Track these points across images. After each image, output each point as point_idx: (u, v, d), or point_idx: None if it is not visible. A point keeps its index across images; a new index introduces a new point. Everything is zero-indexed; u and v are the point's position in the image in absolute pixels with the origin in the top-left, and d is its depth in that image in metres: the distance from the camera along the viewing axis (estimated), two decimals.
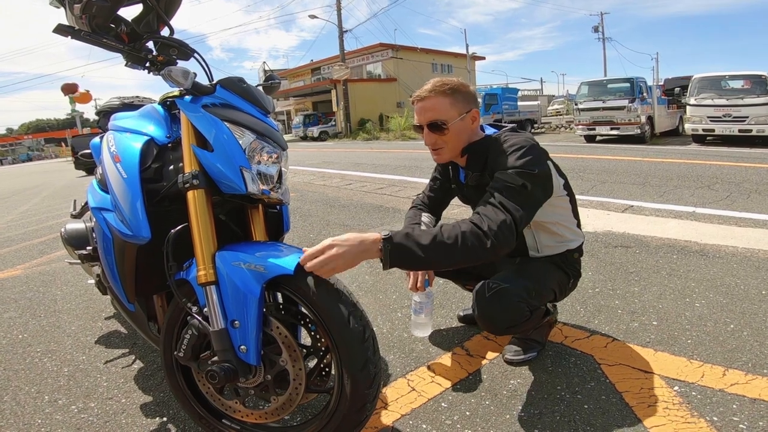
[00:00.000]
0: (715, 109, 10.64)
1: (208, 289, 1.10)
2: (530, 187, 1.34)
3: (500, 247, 1.24)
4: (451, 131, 1.48)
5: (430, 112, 1.48)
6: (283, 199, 1.26)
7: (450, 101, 1.46)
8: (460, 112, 1.47)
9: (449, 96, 1.46)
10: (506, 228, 1.26)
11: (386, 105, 27.51)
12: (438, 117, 1.47)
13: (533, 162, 1.37)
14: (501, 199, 1.31)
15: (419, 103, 1.50)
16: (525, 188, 1.33)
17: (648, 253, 2.71)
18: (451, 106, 1.46)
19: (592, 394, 1.42)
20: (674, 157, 7.46)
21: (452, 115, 1.47)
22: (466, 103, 1.49)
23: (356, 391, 1.07)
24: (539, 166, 1.38)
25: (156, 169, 1.23)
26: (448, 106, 1.46)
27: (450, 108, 1.46)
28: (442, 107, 1.47)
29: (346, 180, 6.62)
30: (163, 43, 1.24)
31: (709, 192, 4.36)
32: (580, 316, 1.96)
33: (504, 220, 1.26)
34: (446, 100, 1.46)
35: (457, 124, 1.48)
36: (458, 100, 1.47)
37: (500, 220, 1.26)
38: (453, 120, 1.47)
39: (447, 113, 1.47)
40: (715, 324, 1.81)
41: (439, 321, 2.00)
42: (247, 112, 1.21)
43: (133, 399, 1.58)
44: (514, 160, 1.37)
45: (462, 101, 1.48)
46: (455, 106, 1.47)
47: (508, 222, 1.26)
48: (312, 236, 3.58)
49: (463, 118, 1.48)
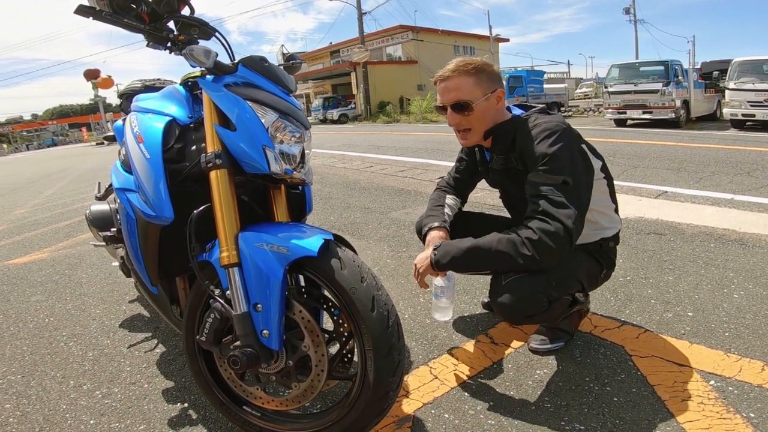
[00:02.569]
0: (756, 93, 10.20)
1: (230, 271, 1.08)
2: (572, 179, 1.29)
3: (554, 261, 1.29)
4: (475, 111, 1.44)
5: (454, 92, 1.44)
6: (305, 179, 1.24)
7: (474, 81, 1.42)
8: (485, 92, 1.43)
9: (473, 75, 1.42)
10: (558, 240, 1.25)
11: (407, 88, 27.15)
12: (462, 97, 1.43)
13: (566, 148, 1.31)
14: (546, 207, 1.27)
15: (442, 83, 1.46)
16: (567, 184, 1.29)
17: (683, 240, 2.61)
18: (475, 85, 1.42)
19: (622, 387, 1.37)
20: (711, 142, 7.15)
21: (476, 95, 1.42)
22: (491, 82, 1.44)
23: (379, 378, 1.05)
24: (572, 151, 1.32)
25: (178, 150, 1.22)
26: (471, 86, 1.42)
27: (474, 88, 1.42)
28: (466, 87, 1.42)
29: (367, 163, 6.57)
30: (183, 22, 1.22)
31: (748, 179, 4.16)
32: (610, 305, 1.89)
33: (554, 233, 1.25)
34: (470, 80, 1.42)
35: (481, 104, 1.43)
36: (482, 79, 1.43)
37: (551, 235, 1.25)
38: (477, 100, 1.43)
39: (471, 93, 1.43)
40: (755, 316, 1.72)
41: (463, 307, 1.96)
42: (270, 91, 1.18)
43: (155, 384, 1.60)
44: (545, 148, 1.31)
45: (486, 81, 1.43)
46: (479, 86, 1.43)
47: (561, 234, 1.25)
48: (333, 219, 3.57)
49: (488, 98, 1.44)
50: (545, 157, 1.32)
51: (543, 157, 1.32)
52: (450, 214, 1.73)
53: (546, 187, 1.29)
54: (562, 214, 1.26)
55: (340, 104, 26.83)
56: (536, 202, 1.30)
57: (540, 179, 1.31)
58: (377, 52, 31.43)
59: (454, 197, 1.78)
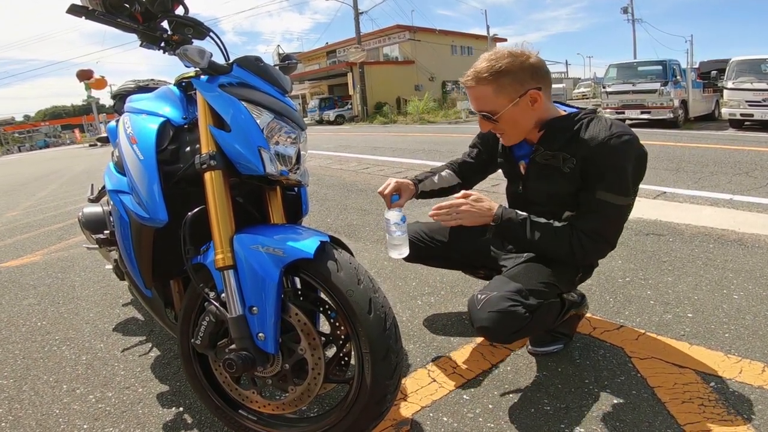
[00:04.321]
0: (754, 93, 10.18)
1: (225, 273, 1.07)
2: (632, 201, 1.35)
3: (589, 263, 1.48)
4: (503, 120, 1.34)
5: (475, 102, 1.37)
6: (301, 181, 1.23)
7: (494, 89, 1.31)
8: (512, 97, 1.31)
9: (492, 83, 1.30)
10: (601, 255, 1.43)
11: (404, 88, 27.10)
12: (484, 108, 1.35)
13: (639, 166, 1.32)
14: (602, 227, 1.33)
15: (467, 89, 1.38)
16: (628, 209, 1.35)
17: (682, 241, 2.60)
18: (497, 93, 1.31)
19: (622, 389, 1.36)
20: (710, 142, 7.16)
21: (501, 104, 1.32)
22: (519, 84, 1.30)
23: (377, 381, 1.04)
24: (642, 170, 1.34)
25: (172, 151, 1.20)
26: (492, 95, 1.32)
27: (496, 96, 1.31)
28: (487, 97, 1.33)
29: (364, 164, 6.56)
30: (178, 22, 1.21)
31: (747, 179, 4.16)
32: (609, 306, 1.88)
33: (602, 250, 1.39)
34: (489, 89, 1.31)
35: (509, 112, 1.33)
36: (505, 85, 1.30)
37: (599, 250, 1.38)
38: (503, 108, 1.32)
39: (494, 103, 1.32)
40: (755, 317, 1.71)
41: (461, 309, 1.95)
42: (265, 92, 1.17)
43: (149, 388, 1.58)
44: (623, 163, 1.28)
45: (512, 84, 1.30)
46: (503, 93, 1.31)
47: (606, 251, 1.41)
48: (329, 221, 3.55)
49: (517, 103, 1.31)
50: (620, 175, 1.28)
51: (617, 174, 1.28)
52: (435, 181, 1.73)
53: (613, 210, 1.31)
54: (613, 236, 1.37)
55: (337, 105, 26.78)
56: (596, 220, 1.33)
57: (608, 198, 1.29)
58: (374, 52, 31.41)
59: (452, 173, 1.76)
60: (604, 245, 1.36)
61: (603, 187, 1.29)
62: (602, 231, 1.33)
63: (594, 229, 1.33)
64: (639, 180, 1.34)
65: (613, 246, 1.38)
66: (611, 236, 1.36)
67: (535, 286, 1.33)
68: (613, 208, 1.30)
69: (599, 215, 1.32)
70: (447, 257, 1.73)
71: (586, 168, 1.31)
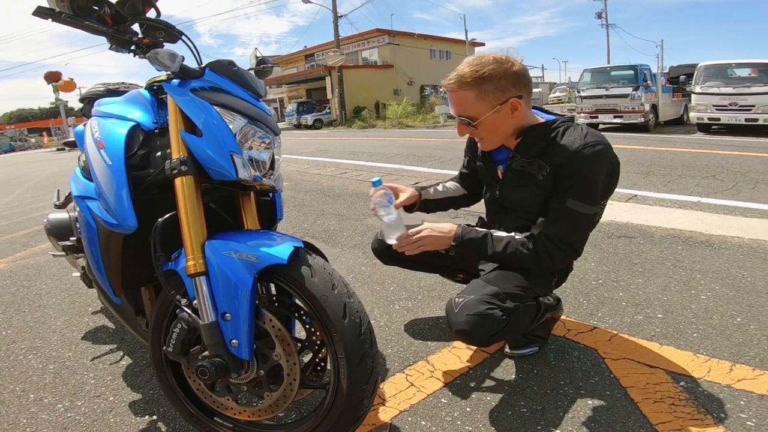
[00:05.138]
0: (721, 97, 10.47)
1: (197, 280, 1.06)
2: (598, 216, 1.38)
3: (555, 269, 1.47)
4: (482, 126, 1.34)
5: (456, 107, 1.36)
6: (275, 186, 1.22)
7: (476, 94, 1.30)
8: (492, 104, 1.30)
9: (475, 89, 1.29)
10: (566, 260, 1.42)
11: (382, 92, 27.19)
12: (464, 113, 1.34)
13: (609, 174, 1.33)
14: (568, 235, 1.35)
15: (448, 93, 1.36)
16: (596, 217, 1.37)
17: (652, 243, 2.67)
18: (479, 99, 1.30)
19: (596, 390, 1.38)
20: (679, 146, 7.39)
21: (482, 110, 1.32)
22: (501, 92, 1.30)
23: (353, 386, 1.04)
24: (612, 178, 1.35)
25: (142, 156, 1.18)
26: (474, 101, 1.31)
27: (477, 102, 1.31)
28: (468, 102, 1.32)
29: (341, 169, 6.53)
30: (149, 25, 1.19)
31: (714, 182, 4.30)
32: (583, 308, 1.91)
33: (567, 257, 1.39)
34: (471, 94, 1.30)
35: (489, 118, 1.32)
36: (487, 91, 1.29)
37: (565, 258, 1.39)
38: (484, 115, 1.32)
39: (475, 108, 1.32)
40: (722, 317, 1.77)
41: (439, 313, 1.96)
42: (238, 96, 1.16)
43: (121, 397, 1.53)
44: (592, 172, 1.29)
45: (494, 91, 1.29)
46: (484, 99, 1.30)
47: (571, 259, 1.42)
48: (306, 226, 3.52)
49: (498, 110, 1.31)
50: (591, 185, 1.30)
51: (587, 184, 1.30)
52: (440, 189, 1.74)
53: (581, 218, 1.33)
54: (580, 244, 1.40)
55: (315, 109, 26.62)
56: (564, 228, 1.34)
57: (578, 207, 1.31)
58: (353, 56, 31.42)
59: (456, 184, 1.77)
60: (570, 253, 1.38)
61: (573, 195, 1.30)
62: (569, 238, 1.35)
63: (561, 236, 1.34)
64: (611, 188, 1.37)
65: (578, 253, 1.40)
66: (577, 244, 1.39)
67: (512, 290, 1.35)
68: (581, 217, 1.32)
69: (567, 223, 1.34)
70: (425, 261, 1.73)
71: (558, 175, 1.33)
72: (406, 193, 1.63)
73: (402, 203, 1.62)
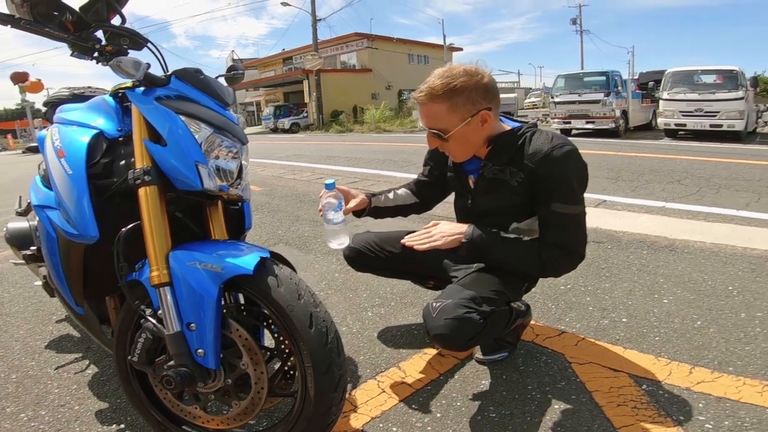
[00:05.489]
0: (687, 103, 10.76)
1: (161, 290, 1.05)
2: (584, 213, 1.39)
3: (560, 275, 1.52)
4: (453, 139, 1.35)
5: (427, 119, 1.36)
6: (243, 196, 1.21)
7: (447, 107, 1.30)
8: (463, 117, 1.31)
9: (446, 101, 1.29)
10: (574, 265, 1.43)
11: (360, 96, 27.16)
12: (435, 125, 1.35)
13: (583, 175, 1.36)
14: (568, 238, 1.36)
15: (418, 105, 1.36)
16: (583, 216, 1.38)
17: (619, 248, 2.74)
18: (450, 112, 1.30)
19: (562, 394, 1.41)
20: (647, 151, 7.61)
21: (453, 123, 1.32)
22: (471, 104, 1.31)
23: (321, 394, 1.05)
24: (585, 178, 1.38)
25: (105, 165, 1.16)
26: (445, 114, 1.31)
27: (448, 115, 1.31)
28: (439, 115, 1.32)
29: (318, 174, 6.48)
30: (113, 32, 1.16)
31: (679, 187, 4.45)
32: (551, 313, 1.95)
33: (573, 261, 1.40)
34: (442, 107, 1.30)
35: (460, 131, 1.33)
36: (459, 104, 1.30)
37: (571, 262, 1.40)
38: (454, 127, 1.32)
39: (446, 121, 1.32)
40: (683, 321, 1.83)
41: (411, 320, 1.97)
42: (205, 105, 1.15)
43: (87, 406, 1.50)
44: (568, 175, 1.32)
45: (465, 104, 1.30)
46: (455, 112, 1.31)
47: (577, 262, 1.42)
48: (280, 232, 3.49)
49: (468, 122, 1.32)
50: (567, 185, 1.32)
51: (564, 185, 1.32)
52: (390, 197, 1.74)
53: (570, 219, 1.34)
54: (582, 246, 1.40)
55: (292, 113, 26.46)
56: (560, 232, 1.36)
57: (562, 209, 1.33)
58: (331, 59, 31.37)
59: (408, 192, 1.77)
60: (575, 256, 1.39)
61: (555, 198, 1.33)
62: (569, 242, 1.37)
63: (562, 241, 1.36)
64: (584, 188, 1.40)
65: (582, 256, 1.40)
66: (579, 246, 1.39)
67: (488, 294, 1.37)
68: (570, 218, 1.35)
69: (561, 227, 1.35)
70: (397, 267, 1.75)
71: (534, 182, 1.35)
72: (357, 199, 1.64)
73: (351, 209, 1.63)
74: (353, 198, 1.64)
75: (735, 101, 10.27)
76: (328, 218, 1.48)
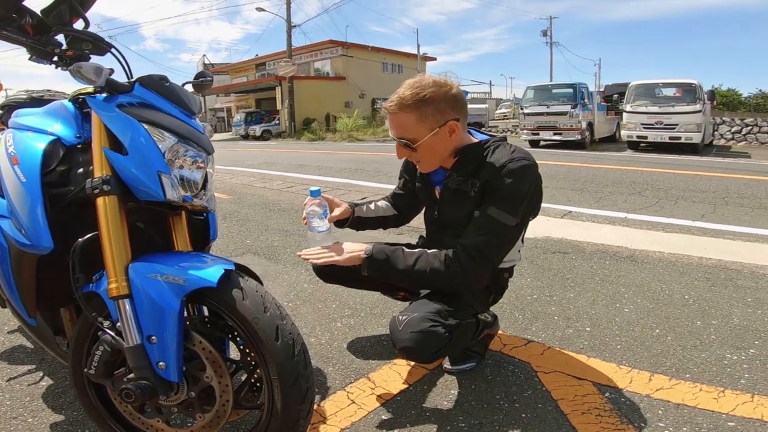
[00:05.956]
0: (649, 116, 11.07)
1: (120, 302, 1.02)
2: (520, 227, 1.38)
3: (469, 288, 1.43)
4: (421, 149, 1.36)
5: (396, 129, 1.37)
6: (207, 207, 1.19)
7: (416, 117, 1.32)
8: (432, 127, 1.33)
9: (416, 111, 1.31)
10: (480, 279, 1.38)
11: (334, 104, 27.12)
12: (404, 135, 1.36)
13: (530, 188, 1.35)
14: (484, 244, 1.32)
15: (388, 114, 1.38)
16: (517, 228, 1.37)
17: (583, 258, 2.81)
18: (419, 122, 1.32)
19: (529, 403, 1.43)
20: (611, 163, 7.87)
21: (421, 133, 1.34)
22: (440, 114, 1.33)
23: (287, 407, 1.04)
24: (533, 192, 1.37)
25: (62, 173, 1.11)
26: (414, 123, 1.33)
27: (417, 125, 1.33)
28: (409, 124, 1.34)
29: (288, 182, 6.42)
30: (74, 36, 1.13)
31: (640, 198, 4.62)
32: (518, 323, 1.98)
33: (481, 270, 1.35)
34: (412, 117, 1.32)
35: (428, 141, 1.35)
36: (428, 114, 1.32)
37: (478, 271, 1.34)
38: (423, 137, 1.34)
39: (415, 131, 1.34)
40: (642, 329, 1.89)
41: (380, 331, 1.96)
42: (169, 113, 1.13)
43: (41, 418, 1.43)
44: (513, 184, 1.31)
45: (434, 114, 1.32)
46: (424, 122, 1.32)
47: (484, 274, 1.37)
48: (249, 242, 3.43)
49: (437, 132, 1.34)
50: (512, 195, 1.32)
51: (509, 194, 1.32)
52: (371, 208, 1.74)
53: (497, 227, 1.32)
54: (496, 256, 1.37)
55: (264, 120, 26.15)
56: (481, 236, 1.32)
57: (495, 215, 1.32)
58: (305, 66, 31.23)
59: (388, 204, 1.78)
60: (483, 264, 1.34)
61: (496, 204, 1.33)
62: (485, 248, 1.33)
63: (477, 245, 1.32)
64: (536, 206, 1.43)
65: (493, 266, 1.37)
66: (493, 255, 1.35)
67: (454, 307, 1.38)
68: (500, 227, 1.33)
69: (485, 231, 1.33)
70: (366, 279, 1.74)
71: (486, 190, 1.37)
72: (341, 208, 1.64)
73: (335, 218, 1.62)
74: (337, 207, 1.63)
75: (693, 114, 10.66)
76: (313, 226, 1.46)
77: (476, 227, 1.35)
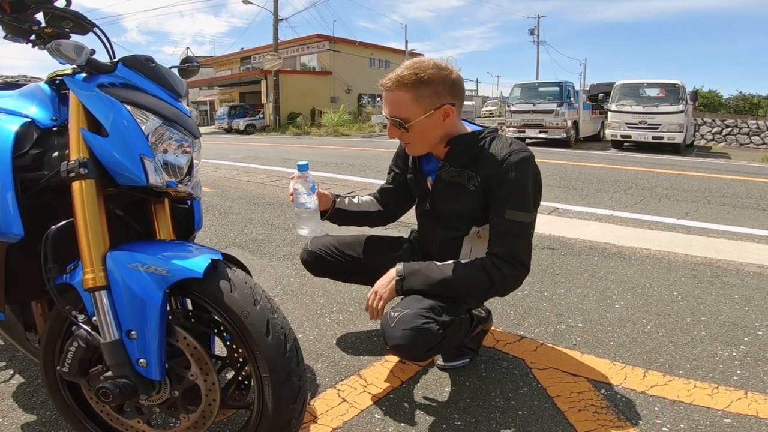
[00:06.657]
0: (633, 115, 11.28)
1: (96, 294, 0.95)
2: (534, 223, 1.38)
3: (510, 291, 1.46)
4: (413, 130, 1.34)
5: (391, 107, 1.34)
6: (193, 194, 1.13)
7: (413, 96, 1.30)
8: (427, 108, 1.31)
9: (413, 90, 1.29)
10: (520, 281, 1.39)
11: (319, 99, 26.89)
12: (398, 114, 1.33)
13: (534, 182, 1.36)
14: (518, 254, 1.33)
15: (384, 92, 1.35)
16: (533, 225, 1.37)
17: (572, 255, 2.81)
18: (415, 102, 1.30)
19: (525, 400, 1.40)
20: (595, 161, 7.95)
21: (416, 113, 1.31)
22: (437, 97, 1.31)
23: (279, 406, 0.99)
24: (538, 186, 1.38)
25: (35, 156, 1.04)
26: (410, 102, 1.31)
27: (413, 104, 1.31)
28: (404, 103, 1.31)
29: (272, 176, 6.31)
30: (54, 14, 1.05)
31: (625, 196, 4.66)
32: (510, 319, 1.96)
33: (520, 274, 1.36)
34: (408, 96, 1.30)
35: (421, 122, 1.32)
36: (425, 95, 1.30)
37: (518, 276, 1.37)
38: (416, 118, 1.32)
39: (409, 110, 1.32)
40: (634, 325, 1.88)
41: (371, 326, 1.91)
42: (154, 95, 1.06)
43: (11, 419, 1.36)
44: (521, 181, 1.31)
45: (430, 95, 1.30)
46: (420, 102, 1.30)
47: (523, 276, 1.38)
48: (232, 235, 3.35)
49: (431, 115, 1.32)
50: (522, 191, 1.31)
51: (519, 191, 1.31)
52: (355, 201, 1.68)
53: (521, 228, 1.33)
54: (527, 257, 1.37)
55: (248, 113, 25.79)
56: (509, 242, 1.33)
57: (515, 217, 1.31)
58: (291, 60, 30.88)
59: (373, 199, 1.72)
60: (522, 269, 1.35)
61: (510, 205, 1.32)
62: (517, 253, 1.33)
63: (509, 252, 1.33)
64: (538, 196, 1.41)
65: (528, 269, 1.38)
66: (525, 258, 1.36)
67: (447, 303, 1.34)
68: (522, 227, 1.33)
69: (511, 236, 1.33)
70: (356, 272, 1.69)
71: (490, 187, 1.35)
72: (321, 198, 1.57)
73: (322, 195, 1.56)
74: (319, 194, 1.57)
75: (675, 114, 10.88)
76: (300, 202, 1.41)
77: (501, 234, 1.34)
